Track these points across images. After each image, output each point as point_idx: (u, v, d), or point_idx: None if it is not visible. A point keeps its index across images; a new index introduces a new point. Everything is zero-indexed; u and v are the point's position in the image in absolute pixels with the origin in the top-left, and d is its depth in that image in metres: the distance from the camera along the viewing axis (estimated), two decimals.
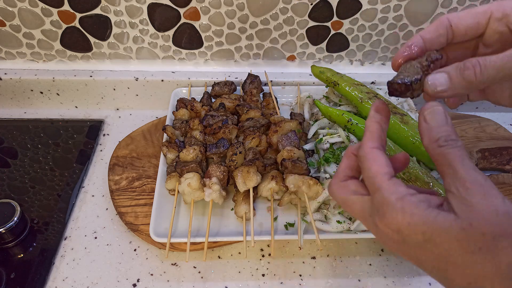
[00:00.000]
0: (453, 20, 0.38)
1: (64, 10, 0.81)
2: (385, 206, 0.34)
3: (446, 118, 0.35)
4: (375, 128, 0.38)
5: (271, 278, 0.65)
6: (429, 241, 0.32)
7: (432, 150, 0.35)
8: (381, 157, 0.36)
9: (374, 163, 0.36)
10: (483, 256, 0.30)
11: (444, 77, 0.35)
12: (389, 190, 0.34)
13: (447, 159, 0.33)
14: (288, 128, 0.75)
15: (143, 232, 0.68)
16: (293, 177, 0.67)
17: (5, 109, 0.94)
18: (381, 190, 0.35)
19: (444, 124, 0.35)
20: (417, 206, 0.33)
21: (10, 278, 0.64)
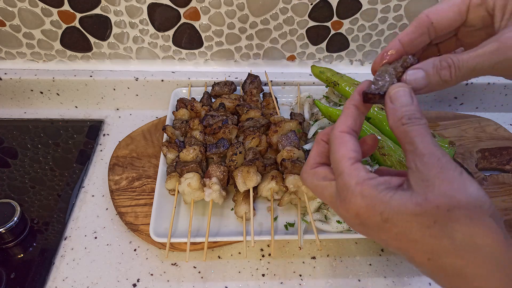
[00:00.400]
0: (433, 17, 0.38)
1: (64, 10, 0.81)
2: (346, 190, 0.34)
3: (411, 98, 0.35)
4: (350, 111, 0.38)
5: (271, 278, 0.65)
6: (387, 220, 0.32)
7: (396, 128, 0.35)
8: (349, 142, 0.37)
9: (341, 147, 0.36)
10: (438, 229, 0.30)
11: (422, 76, 0.36)
12: (350, 174, 0.35)
13: (408, 136, 0.33)
14: (288, 128, 0.75)
15: (143, 232, 0.68)
16: (293, 177, 0.67)
17: (5, 109, 0.94)
18: (343, 175, 0.35)
19: (409, 104, 0.35)
20: (375, 188, 0.33)
21: (10, 278, 0.64)
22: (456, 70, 0.34)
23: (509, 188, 0.75)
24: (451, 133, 0.84)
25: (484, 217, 0.30)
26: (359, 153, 0.37)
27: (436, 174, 0.31)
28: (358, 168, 0.35)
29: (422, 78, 0.36)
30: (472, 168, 0.78)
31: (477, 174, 0.77)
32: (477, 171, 0.78)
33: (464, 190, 0.30)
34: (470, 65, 0.34)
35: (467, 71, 0.34)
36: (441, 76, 0.35)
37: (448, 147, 0.71)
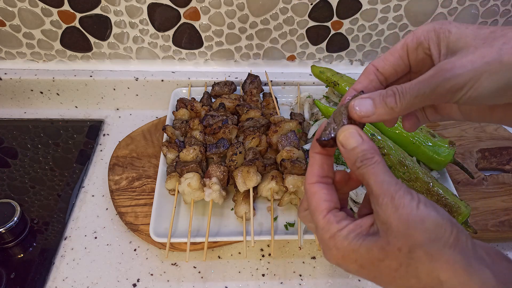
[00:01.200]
0: (378, 65, 0.39)
1: (64, 10, 0.81)
2: (323, 243, 0.36)
3: (360, 137, 0.36)
4: (315, 160, 0.39)
5: (271, 278, 0.65)
6: (362, 266, 0.34)
7: (353, 173, 0.36)
8: (318, 192, 0.38)
9: (312, 200, 0.38)
10: (405, 271, 0.31)
11: (370, 103, 0.37)
12: (323, 229, 0.36)
13: (365, 179, 0.35)
14: (287, 128, 0.75)
15: (143, 232, 0.68)
16: (292, 177, 0.67)
17: (5, 109, 0.94)
18: (318, 229, 0.37)
19: (358, 144, 0.36)
20: (346, 238, 0.34)
21: (10, 278, 0.64)
22: (401, 96, 0.35)
23: (509, 188, 0.75)
24: (451, 133, 0.84)
25: (443, 250, 0.30)
26: (331, 200, 0.37)
27: (392, 214, 0.32)
28: (329, 220, 0.36)
29: (370, 105, 0.36)
30: (472, 168, 0.78)
31: (477, 174, 0.77)
32: (477, 171, 0.78)
33: (420, 225, 0.31)
34: (413, 92, 0.35)
35: (411, 97, 0.35)
36: (387, 103, 0.36)
37: (448, 147, 0.71)
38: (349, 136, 0.36)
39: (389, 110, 0.36)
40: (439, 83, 0.34)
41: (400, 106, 0.35)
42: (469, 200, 0.72)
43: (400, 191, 0.32)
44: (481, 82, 0.32)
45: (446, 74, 0.33)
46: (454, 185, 0.71)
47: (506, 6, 0.83)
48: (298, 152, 0.70)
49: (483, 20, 0.85)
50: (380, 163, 0.34)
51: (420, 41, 0.37)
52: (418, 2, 0.82)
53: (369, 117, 0.37)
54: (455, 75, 0.33)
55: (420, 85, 0.35)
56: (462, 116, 0.42)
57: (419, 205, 0.31)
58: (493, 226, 0.69)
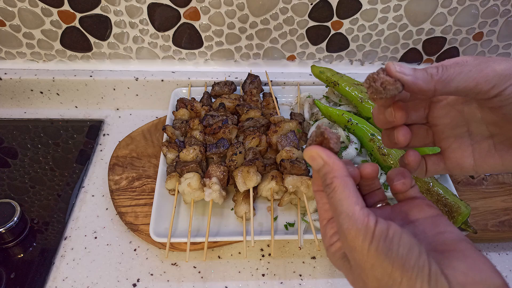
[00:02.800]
0: None
1: (64, 10, 0.81)
2: None
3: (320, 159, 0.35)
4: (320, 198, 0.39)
5: (271, 278, 0.65)
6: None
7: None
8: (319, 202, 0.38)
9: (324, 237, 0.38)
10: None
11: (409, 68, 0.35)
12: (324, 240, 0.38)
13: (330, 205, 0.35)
14: (287, 128, 0.75)
15: (143, 232, 0.68)
16: (292, 177, 0.67)
17: (5, 109, 0.94)
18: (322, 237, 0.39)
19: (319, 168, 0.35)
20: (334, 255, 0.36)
21: (10, 278, 0.64)
22: (443, 68, 0.34)
23: (509, 188, 0.75)
24: None
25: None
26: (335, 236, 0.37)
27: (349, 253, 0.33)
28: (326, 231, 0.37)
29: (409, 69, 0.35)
30: None
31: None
32: None
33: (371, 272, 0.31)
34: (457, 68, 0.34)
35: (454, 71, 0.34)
36: (427, 70, 0.34)
37: None
38: (310, 159, 0.36)
39: (428, 76, 0.34)
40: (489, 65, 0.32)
41: (440, 75, 0.34)
42: (469, 200, 0.72)
43: (352, 230, 0.31)
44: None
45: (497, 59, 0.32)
46: (454, 185, 0.71)
47: (506, 6, 0.83)
48: (298, 152, 0.70)
49: (483, 20, 0.85)
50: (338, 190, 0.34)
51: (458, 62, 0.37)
52: (418, 2, 0.82)
53: (405, 75, 0.34)
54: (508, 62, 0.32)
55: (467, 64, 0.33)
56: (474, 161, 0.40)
57: (370, 247, 0.30)
58: (493, 226, 0.69)
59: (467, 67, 0.33)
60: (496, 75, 0.32)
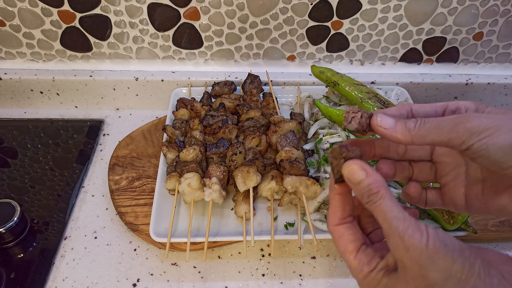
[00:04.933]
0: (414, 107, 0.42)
1: (64, 10, 0.81)
2: (357, 281, 0.38)
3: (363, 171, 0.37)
4: (335, 201, 0.40)
5: (271, 278, 0.65)
6: None
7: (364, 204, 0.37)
8: (344, 234, 0.39)
9: (339, 242, 0.39)
10: None
11: (391, 119, 0.39)
12: (356, 269, 0.37)
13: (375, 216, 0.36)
14: (287, 128, 0.75)
15: (143, 232, 0.68)
16: (291, 178, 0.67)
17: (5, 109, 0.94)
18: (351, 269, 0.38)
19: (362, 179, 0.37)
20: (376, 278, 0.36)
21: (10, 278, 0.64)
22: (421, 123, 0.37)
23: None
24: None
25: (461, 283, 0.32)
26: (357, 239, 0.39)
27: (404, 255, 0.33)
28: (360, 261, 0.37)
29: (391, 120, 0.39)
30: None
31: None
32: None
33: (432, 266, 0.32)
34: (434, 123, 0.37)
35: (430, 126, 0.37)
36: (406, 124, 0.38)
37: None
38: (352, 171, 0.37)
39: (406, 130, 0.37)
40: (461, 122, 0.35)
41: (417, 130, 0.37)
42: None
43: (408, 229, 0.33)
44: (500, 133, 0.34)
45: (470, 117, 0.35)
46: None
47: (506, 6, 0.83)
48: (297, 153, 0.70)
49: (483, 20, 0.85)
50: (386, 197, 0.35)
51: (459, 107, 0.40)
52: (418, 2, 0.82)
53: (386, 129, 0.38)
54: (479, 119, 0.35)
55: (443, 119, 0.37)
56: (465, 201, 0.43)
57: (428, 243, 0.32)
58: (493, 226, 0.69)
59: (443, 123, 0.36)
60: (466, 132, 0.35)
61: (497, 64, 0.95)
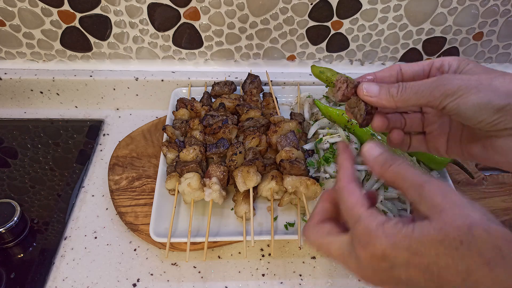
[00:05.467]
0: (403, 66, 0.46)
1: (64, 10, 0.81)
2: (367, 233, 0.35)
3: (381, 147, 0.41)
4: (348, 165, 0.42)
5: (271, 278, 0.65)
6: (415, 253, 0.33)
7: (385, 173, 0.39)
8: (358, 190, 0.39)
9: (352, 195, 0.39)
10: (466, 249, 0.32)
11: (376, 87, 0.44)
12: (370, 218, 0.36)
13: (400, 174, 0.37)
14: (287, 128, 0.75)
15: (143, 232, 0.68)
16: (291, 178, 0.66)
17: (5, 109, 0.94)
18: (361, 219, 0.36)
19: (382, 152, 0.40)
20: (395, 227, 0.34)
21: (10, 278, 0.64)
22: (403, 89, 0.42)
23: (509, 188, 0.75)
24: None
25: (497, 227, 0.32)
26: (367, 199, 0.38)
27: (443, 199, 0.34)
28: (374, 212, 0.36)
29: (376, 88, 0.43)
30: (472, 168, 0.78)
31: (477, 174, 0.77)
32: (477, 171, 0.78)
33: (473, 207, 0.33)
34: (414, 88, 0.41)
35: (410, 92, 0.41)
36: (389, 91, 0.42)
37: None
38: (373, 146, 0.41)
39: (390, 96, 0.42)
40: (437, 86, 0.40)
41: (399, 96, 0.42)
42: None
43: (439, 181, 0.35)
44: (469, 94, 0.38)
45: (445, 80, 0.39)
46: (454, 185, 0.72)
47: (506, 6, 0.83)
48: (297, 153, 0.70)
49: (483, 20, 0.85)
50: (408, 162, 0.38)
51: (443, 64, 0.44)
52: (418, 2, 0.82)
53: (371, 97, 0.43)
54: (452, 83, 0.39)
55: (422, 84, 0.41)
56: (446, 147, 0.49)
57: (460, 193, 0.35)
58: None
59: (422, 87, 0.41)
60: (441, 94, 0.39)
61: (497, 64, 0.95)
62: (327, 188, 0.68)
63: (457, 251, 0.32)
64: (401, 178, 0.37)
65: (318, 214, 0.42)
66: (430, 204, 0.34)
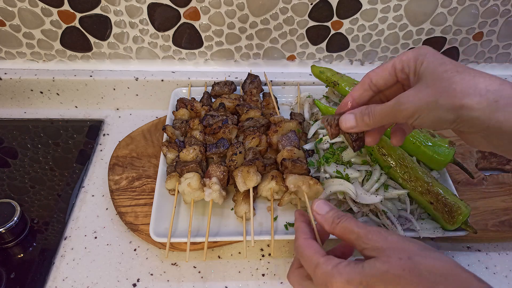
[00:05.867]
0: (373, 78, 0.51)
1: (64, 10, 0.81)
2: (325, 275, 0.42)
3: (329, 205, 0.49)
4: (303, 225, 0.50)
5: (271, 278, 0.65)
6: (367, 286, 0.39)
7: (334, 229, 0.46)
8: (312, 243, 0.46)
9: (308, 248, 0.46)
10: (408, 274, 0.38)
11: (352, 118, 0.50)
12: (325, 263, 0.43)
13: (347, 229, 0.45)
14: (288, 128, 0.75)
15: (143, 232, 0.68)
16: (294, 177, 0.66)
17: (5, 109, 0.94)
18: (319, 265, 0.43)
19: (330, 210, 0.48)
20: (348, 266, 0.41)
21: (10, 278, 0.64)
22: (371, 115, 0.48)
23: (509, 188, 0.75)
24: (451, 133, 0.84)
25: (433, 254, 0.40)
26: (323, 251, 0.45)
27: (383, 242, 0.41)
28: (329, 258, 0.43)
29: (353, 120, 0.50)
30: (472, 168, 0.78)
31: (477, 174, 0.77)
32: (477, 171, 0.78)
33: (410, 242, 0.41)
34: (380, 113, 0.47)
35: (379, 116, 0.48)
36: (364, 120, 0.49)
37: (448, 147, 0.71)
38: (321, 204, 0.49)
39: (365, 124, 0.49)
40: (396, 111, 0.46)
41: (373, 122, 0.49)
42: (469, 200, 0.72)
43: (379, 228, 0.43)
44: (424, 116, 0.44)
45: (401, 106, 0.45)
46: (454, 185, 0.71)
47: (506, 6, 0.83)
48: (299, 152, 0.70)
49: (483, 20, 0.85)
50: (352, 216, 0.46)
51: (403, 67, 0.48)
52: (418, 2, 0.82)
53: (352, 128, 0.51)
54: (406, 108, 0.45)
55: (385, 109, 0.47)
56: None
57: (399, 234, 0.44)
58: (493, 226, 0.69)
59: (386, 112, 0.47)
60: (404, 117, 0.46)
61: (497, 64, 0.95)
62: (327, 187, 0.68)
63: (399, 278, 0.38)
64: (348, 232, 0.44)
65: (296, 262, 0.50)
66: (375, 247, 0.41)
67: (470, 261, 0.68)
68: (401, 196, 0.68)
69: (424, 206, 0.67)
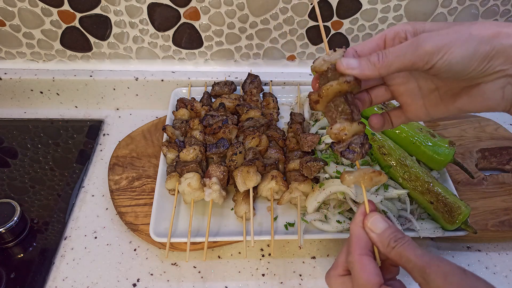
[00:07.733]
0: (358, 48, 0.46)
1: (64, 10, 0.81)
2: None
3: (385, 222, 0.42)
4: (361, 233, 0.43)
5: (271, 278, 0.65)
6: None
7: (389, 253, 0.41)
8: (369, 265, 0.41)
9: (363, 272, 0.40)
10: None
11: (355, 60, 0.43)
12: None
13: (404, 256, 0.40)
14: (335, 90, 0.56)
15: (143, 232, 0.68)
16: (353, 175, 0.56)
17: (5, 109, 0.94)
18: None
19: (387, 228, 0.42)
20: None
21: (10, 278, 0.64)
22: (383, 55, 0.41)
23: (509, 188, 0.75)
24: (451, 133, 0.84)
25: None
26: (380, 275, 0.40)
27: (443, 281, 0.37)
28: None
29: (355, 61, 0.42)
30: (472, 168, 0.78)
31: (477, 174, 0.77)
32: (477, 171, 0.78)
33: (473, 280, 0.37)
34: (395, 52, 0.41)
35: (392, 56, 0.41)
36: (370, 60, 0.42)
37: (448, 147, 0.71)
38: (376, 221, 0.42)
39: (371, 65, 0.41)
40: (418, 45, 0.39)
41: (382, 63, 0.41)
42: (469, 200, 0.72)
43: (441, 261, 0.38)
44: (455, 48, 0.38)
45: (425, 39, 0.39)
46: (454, 185, 0.71)
47: (506, 6, 0.83)
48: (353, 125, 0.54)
49: (483, 20, 0.85)
50: (411, 240, 0.40)
51: (397, 32, 0.44)
52: (418, 2, 0.82)
53: (353, 69, 0.42)
54: (433, 40, 0.39)
55: (401, 47, 0.40)
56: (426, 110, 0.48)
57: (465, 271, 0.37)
58: (493, 226, 0.69)
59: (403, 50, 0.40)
60: (427, 53, 0.39)
61: None
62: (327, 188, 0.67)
63: None
64: (405, 260, 0.40)
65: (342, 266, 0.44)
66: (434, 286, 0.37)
67: (470, 261, 0.68)
68: (401, 196, 0.68)
69: (424, 206, 0.67)
